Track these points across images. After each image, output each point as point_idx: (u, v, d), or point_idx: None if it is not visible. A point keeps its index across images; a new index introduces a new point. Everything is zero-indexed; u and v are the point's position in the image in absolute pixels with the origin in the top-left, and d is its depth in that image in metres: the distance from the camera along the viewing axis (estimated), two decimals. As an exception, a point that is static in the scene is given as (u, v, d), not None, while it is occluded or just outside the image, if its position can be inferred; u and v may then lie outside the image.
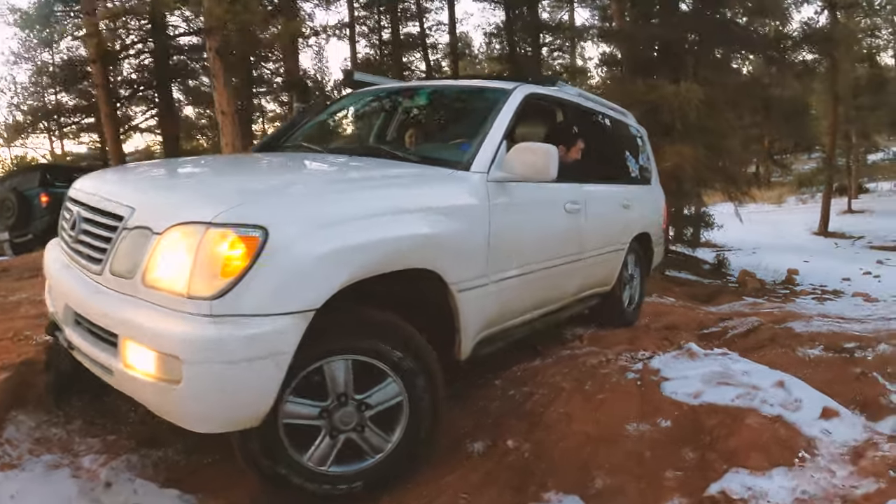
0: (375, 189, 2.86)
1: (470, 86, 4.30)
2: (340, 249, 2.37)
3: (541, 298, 3.95)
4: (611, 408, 3.45)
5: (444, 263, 2.89)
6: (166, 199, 2.56)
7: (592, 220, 4.38)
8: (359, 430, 2.61)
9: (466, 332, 3.12)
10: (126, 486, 2.78)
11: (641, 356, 4.32)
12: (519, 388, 3.84)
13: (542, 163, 3.25)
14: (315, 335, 2.33)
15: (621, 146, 5.56)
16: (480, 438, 3.26)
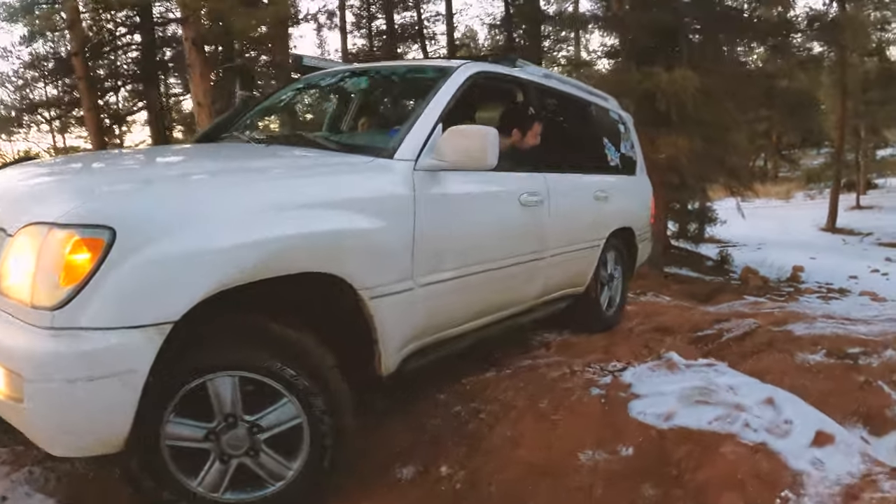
0: (265, 181, 2.44)
1: (412, 66, 3.81)
2: (205, 252, 2.03)
3: (490, 303, 3.48)
4: (565, 431, 3.02)
5: (350, 266, 2.47)
6: (26, 197, 2.29)
7: (558, 213, 3.90)
8: (252, 455, 2.30)
9: (386, 344, 2.70)
10: (22, 500, 2.62)
11: (613, 368, 3.87)
12: (466, 404, 3.40)
13: (478, 148, 2.80)
14: (192, 348, 2.13)
15: (598, 133, 5.05)
16: (412, 462, 2.89)
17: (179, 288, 1.97)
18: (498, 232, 3.39)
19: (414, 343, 2.95)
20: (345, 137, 3.42)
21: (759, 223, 18.53)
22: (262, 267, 2.17)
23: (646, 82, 9.87)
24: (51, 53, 17.55)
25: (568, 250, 4.17)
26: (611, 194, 4.75)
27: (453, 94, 3.20)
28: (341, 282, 2.46)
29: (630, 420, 3.06)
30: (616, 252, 5.20)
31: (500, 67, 3.82)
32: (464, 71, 3.36)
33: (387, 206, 2.66)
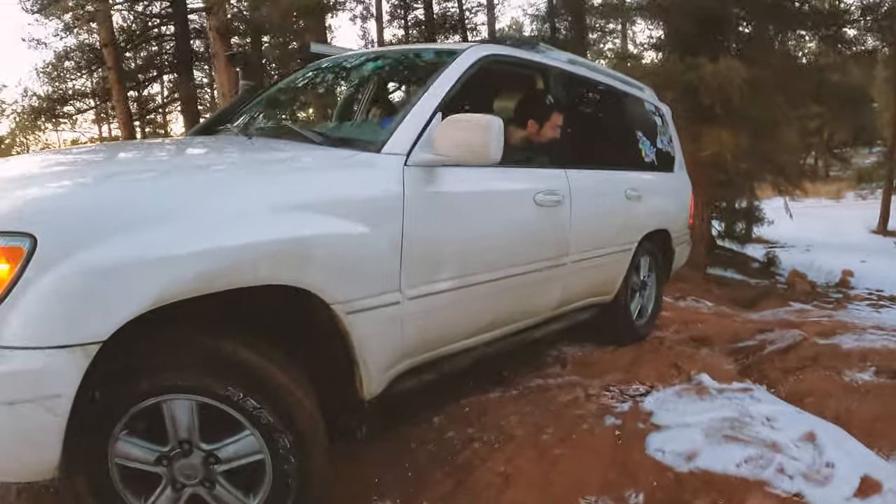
0: (221, 181, 2.11)
1: (418, 50, 3.42)
2: (138, 263, 1.76)
3: (497, 316, 3.09)
4: (567, 469, 2.65)
5: (320, 278, 2.12)
6: None
7: (581, 214, 3.50)
8: (208, 487, 2.07)
9: (368, 365, 2.34)
10: None
11: (634, 392, 3.48)
12: (461, 430, 3.04)
13: (479, 140, 2.42)
14: (147, 362, 1.94)
15: (631, 125, 4.59)
16: (390, 496, 2.58)
17: (108, 303, 1.72)
18: (507, 236, 2.99)
19: (405, 362, 2.60)
20: (333, 129, 3.06)
21: (808, 223, 17.76)
22: (207, 280, 1.86)
23: (689, 74, 9.27)
24: (86, 45, 17.56)
25: (593, 255, 3.76)
26: (644, 193, 4.32)
27: (457, 79, 2.83)
28: (311, 295, 2.12)
29: (645, 459, 2.69)
30: (650, 257, 4.76)
31: (517, 51, 3.41)
32: (471, 54, 2.98)
33: (368, 208, 2.30)
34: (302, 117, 3.38)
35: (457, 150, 2.46)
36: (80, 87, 18.19)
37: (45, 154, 2.96)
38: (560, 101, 3.60)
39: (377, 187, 2.36)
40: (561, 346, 4.42)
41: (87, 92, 18.21)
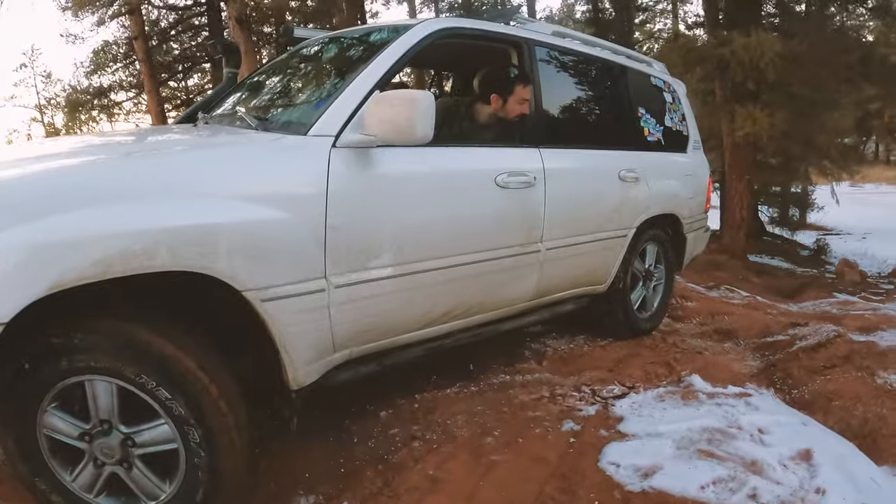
0: (128, 167, 2.08)
1: (375, 28, 3.26)
2: (32, 248, 1.76)
3: (452, 306, 2.91)
4: (501, 478, 2.46)
5: (229, 264, 2.04)
6: None
7: (558, 196, 3.29)
8: (125, 468, 2.11)
9: (291, 354, 2.26)
10: None
11: (608, 393, 3.25)
12: (406, 427, 2.91)
13: (404, 118, 2.28)
14: (62, 344, 1.94)
15: (631, 102, 4.29)
16: (316, 492, 2.51)
17: (6, 288, 1.74)
18: (457, 221, 2.80)
19: (340, 353, 2.48)
20: (276, 114, 2.93)
21: (867, 211, 16.89)
22: (104, 266, 1.84)
23: (721, 49, 8.78)
24: (121, 39, 17.93)
25: (577, 241, 3.55)
26: (645, 174, 4.07)
27: (400, 56, 2.67)
28: (222, 283, 2.04)
29: (595, 472, 2.47)
30: (656, 243, 4.50)
31: (481, 23, 3.20)
32: (421, 29, 2.81)
33: (287, 193, 2.20)
34: (261, 102, 3.22)
35: (383, 128, 2.32)
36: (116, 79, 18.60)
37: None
38: (533, 76, 3.37)
39: (298, 171, 2.25)
40: (546, 340, 4.21)
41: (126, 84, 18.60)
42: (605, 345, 4.18)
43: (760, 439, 2.68)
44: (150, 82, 14.37)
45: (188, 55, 18.00)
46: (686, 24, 21.48)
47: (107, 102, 18.77)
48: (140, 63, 14.42)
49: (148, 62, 14.24)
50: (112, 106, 19.14)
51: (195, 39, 17.83)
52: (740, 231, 11.21)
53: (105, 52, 17.85)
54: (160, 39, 17.07)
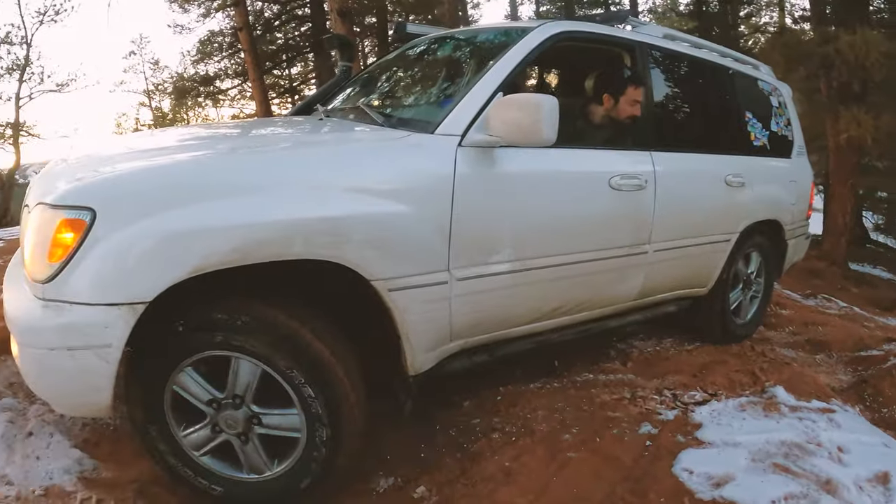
0: (266, 160, 2.24)
1: (492, 29, 3.35)
2: (179, 235, 1.95)
3: (563, 303, 2.99)
4: (573, 476, 2.50)
5: (360, 254, 2.19)
6: (45, 178, 2.38)
7: (668, 199, 3.31)
8: (242, 440, 2.28)
9: (412, 341, 2.40)
10: (43, 438, 2.73)
11: (689, 398, 3.23)
12: (487, 418, 2.99)
13: (530, 121, 2.36)
14: (225, 321, 2.11)
15: (739, 106, 4.25)
16: (395, 474, 2.63)
17: (153, 270, 1.93)
18: (572, 220, 2.88)
19: (456, 342, 2.60)
20: (400, 110, 3.06)
21: None
22: (243, 252, 2.02)
23: (825, 46, 8.46)
24: (226, 29, 18.65)
25: (683, 244, 3.56)
26: (751, 179, 4.01)
27: (522, 58, 2.75)
28: (353, 272, 2.20)
29: (667, 477, 2.47)
30: (756, 249, 4.43)
31: (595, 27, 3.26)
32: (540, 32, 2.88)
33: (415, 188, 2.31)
34: (379, 98, 3.37)
35: (508, 130, 2.40)
36: (221, 68, 19.40)
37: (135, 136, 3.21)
38: (645, 79, 3.40)
39: (427, 168, 2.36)
40: (633, 340, 4.19)
41: (232, 72, 19.37)
42: (691, 349, 4.13)
43: (839, 458, 2.63)
44: (254, 71, 14.89)
45: (292, 45, 18.58)
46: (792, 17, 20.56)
47: (212, 90, 19.61)
48: (245, 53, 14.98)
49: (252, 52, 14.75)
50: (217, 93, 19.98)
51: (298, 30, 18.40)
52: (842, 238, 10.77)
53: (210, 42, 18.63)
54: (264, 30, 17.68)
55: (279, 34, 18.78)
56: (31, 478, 2.54)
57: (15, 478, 2.52)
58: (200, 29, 19.49)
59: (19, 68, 21.88)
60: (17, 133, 22.44)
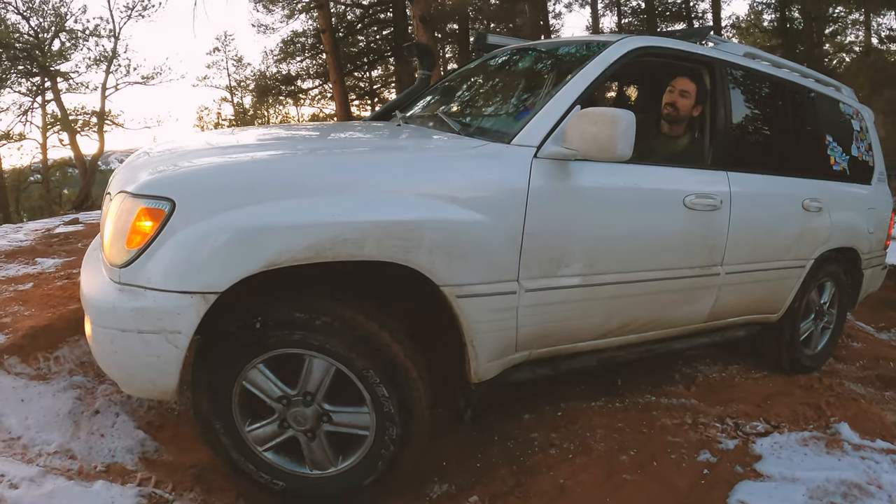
0: (341, 162, 2.32)
1: (571, 42, 3.36)
2: (254, 230, 2.02)
3: (630, 321, 2.95)
4: (628, 498, 2.48)
5: (431, 259, 2.21)
6: (127, 169, 2.48)
7: (743, 221, 3.24)
8: (308, 437, 2.33)
9: (477, 349, 2.41)
10: (109, 417, 2.85)
11: (751, 429, 3.15)
12: (545, 433, 2.98)
13: (606, 135, 2.35)
14: (305, 320, 2.18)
15: (819, 128, 4.13)
16: (450, 481, 2.66)
17: (226, 261, 2.00)
18: (644, 238, 2.84)
19: (520, 353, 2.60)
20: (477, 119, 3.09)
21: None
22: (315, 250, 2.07)
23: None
24: (309, 30, 19.12)
25: (755, 268, 3.47)
26: (828, 205, 3.90)
27: (601, 73, 2.75)
28: (423, 277, 2.22)
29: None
30: (830, 279, 4.29)
31: (675, 42, 3.21)
32: (619, 47, 2.87)
33: (490, 197, 2.33)
34: (458, 107, 3.40)
35: (584, 143, 2.40)
36: (303, 68, 19.94)
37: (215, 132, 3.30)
38: (724, 97, 3.34)
39: (501, 177, 2.37)
40: (699, 364, 4.11)
41: (313, 73, 19.88)
42: (757, 378, 4.02)
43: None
44: (335, 73, 15.29)
45: (373, 48, 18.95)
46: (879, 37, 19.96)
47: (293, 89, 20.14)
48: (327, 55, 15.37)
49: (334, 54, 15.19)
50: (298, 93, 20.51)
51: (380, 34, 18.76)
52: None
53: (293, 43, 19.14)
54: (346, 32, 18.06)
55: (361, 37, 19.16)
56: (94, 454, 2.66)
57: (79, 452, 2.63)
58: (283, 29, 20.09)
59: (107, 60, 22.85)
60: (102, 122, 23.49)
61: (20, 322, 3.47)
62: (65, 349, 3.29)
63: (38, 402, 2.88)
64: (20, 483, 2.32)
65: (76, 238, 7.16)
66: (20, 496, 2.25)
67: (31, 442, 2.66)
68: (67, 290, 4.10)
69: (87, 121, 24.14)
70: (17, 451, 2.59)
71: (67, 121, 23.43)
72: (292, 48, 19.92)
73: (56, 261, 5.36)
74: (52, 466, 2.51)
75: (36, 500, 2.26)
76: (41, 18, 22.28)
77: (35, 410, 2.83)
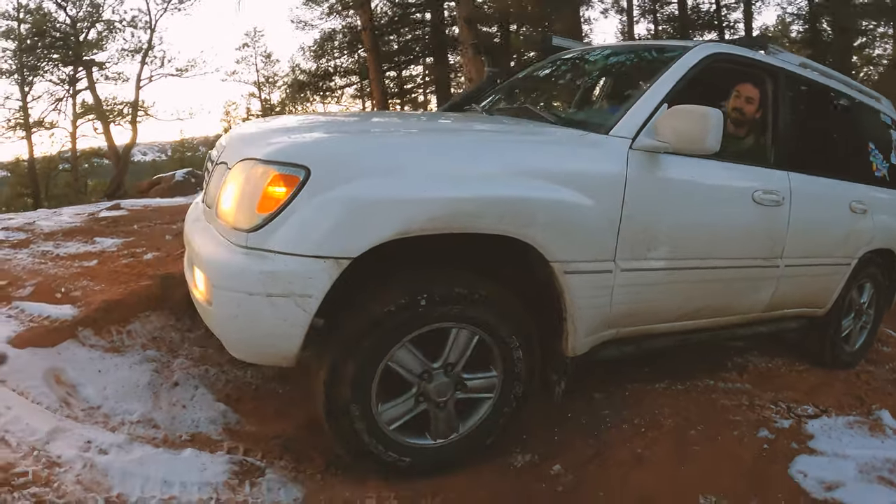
0: (461, 142, 2.53)
1: (649, 46, 3.62)
2: (388, 199, 2.15)
3: (704, 305, 3.18)
4: (700, 467, 2.69)
5: (541, 235, 2.39)
6: (244, 140, 2.60)
7: (800, 218, 3.47)
8: (441, 407, 2.45)
9: (576, 324, 2.60)
10: (188, 390, 2.98)
11: (802, 411, 3.38)
12: (616, 411, 3.18)
13: (697, 130, 2.58)
14: (467, 295, 2.33)
15: (863, 136, 4.41)
16: (531, 452, 2.79)
17: (360, 228, 2.09)
18: (720, 227, 3.08)
19: (609, 330, 2.80)
20: (566, 112, 3.34)
21: None
22: (443, 221, 2.21)
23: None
24: (347, 28, 19.45)
25: (809, 263, 3.71)
26: (871, 208, 4.13)
27: (683, 74, 2.97)
28: (534, 251, 2.41)
29: (783, 477, 2.66)
30: (870, 280, 4.53)
31: (743, 51, 3.46)
32: (698, 52, 3.10)
33: (593, 182, 2.54)
34: (540, 101, 3.69)
35: (676, 137, 2.62)
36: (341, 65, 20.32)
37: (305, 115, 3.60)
38: (783, 103, 3.58)
39: (603, 165, 2.59)
40: (748, 355, 4.32)
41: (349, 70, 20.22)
42: (801, 370, 4.25)
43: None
44: (374, 71, 15.50)
45: (412, 47, 19.22)
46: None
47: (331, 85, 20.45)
48: (367, 52, 15.62)
49: (374, 52, 15.38)
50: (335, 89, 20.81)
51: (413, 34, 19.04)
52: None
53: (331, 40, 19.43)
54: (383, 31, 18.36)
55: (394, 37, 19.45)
56: (177, 424, 2.76)
57: (161, 422, 2.73)
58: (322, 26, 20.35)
59: (142, 51, 23.16)
60: (136, 113, 23.73)
61: (91, 296, 3.60)
62: (136, 324, 3.41)
63: (114, 373, 2.98)
64: (109, 449, 2.40)
65: (125, 222, 7.28)
66: (111, 461, 2.32)
67: (112, 411, 2.75)
68: (135, 267, 4.25)
69: (122, 111, 24.46)
70: (99, 420, 2.67)
71: (102, 110, 23.71)
72: (329, 45, 20.28)
73: (115, 240, 5.48)
74: (137, 434, 2.60)
75: (126, 466, 2.33)
76: (77, 8, 22.64)
77: (113, 381, 2.93)
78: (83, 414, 2.68)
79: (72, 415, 2.64)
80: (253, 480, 2.45)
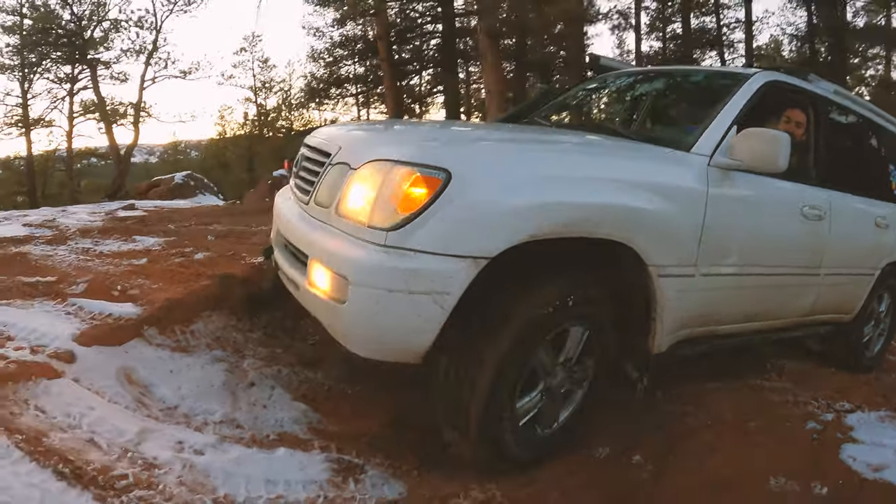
0: (580, 155, 2.79)
1: (707, 71, 3.97)
2: (524, 204, 2.29)
3: (762, 308, 3.52)
4: (764, 454, 2.93)
5: (643, 241, 2.65)
6: (367, 141, 2.78)
7: (837, 232, 3.81)
8: (554, 399, 2.63)
9: (664, 323, 2.87)
10: (265, 390, 3.03)
11: (840, 407, 3.68)
12: (679, 406, 3.41)
13: (770, 151, 2.89)
14: (594, 296, 2.55)
15: (885, 158, 4.84)
16: (612, 444, 2.99)
17: (498, 229, 2.23)
18: (777, 238, 3.41)
19: (686, 330, 3.07)
20: (642, 130, 3.67)
21: None
22: (567, 226, 2.40)
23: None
24: (359, 36, 19.80)
25: (842, 272, 4.06)
26: (892, 223, 4.52)
27: (749, 99, 3.28)
28: (634, 255, 2.65)
29: (836, 461, 2.91)
30: (888, 291, 4.90)
31: (793, 79, 3.81)
32: (759, 78, 3.43)
33: (681, 195, 2.81)
34: (602, 117, 4.03)
35: (752, 156, 2.92)
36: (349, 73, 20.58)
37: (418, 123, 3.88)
38: (824, 126, 3.93)
39: (688, 179, 2.87)
40: (781, 359, 4.60)
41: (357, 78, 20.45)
42: (829, 372, 4.54)
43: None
44: (389, 79, 15.71)
45: (421, 57, 19.51)
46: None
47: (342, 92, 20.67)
48: (382, 62, 15.79)
49: (389, 60, 15.59)
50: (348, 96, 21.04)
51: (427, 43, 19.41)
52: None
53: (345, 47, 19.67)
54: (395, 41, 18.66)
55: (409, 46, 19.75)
56: (260, 424, 2.80)
57: (245, 422, 2.77)
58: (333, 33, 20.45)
59: (146, 52, 23.21)
60: (139, 114, 23.72)
61: (151, 294, 3.66)
62: (199, 324, 3.47)
63: (187, 373, 3.02)
64: (204, 449, 2.42)
65: (150, 221, 7.49)
66: (209, 462, 2.34)
67: (192, 411, 2.78)
68: (189, 267, 4.33)
69: (125, 112, 24.45)
70: (180, 420, 2.69)
71: (105, 110, 23.65)
72: (340, 52, 20.57)
73: (156, 239, 5.58)
74: (224, 434, 2.62)
75: (225, 466, 2.35)
76: (81, 6, 22.64)
77: (187, 381, 2.95)
78: (162, 414, 2.71)
79: (151, 415, 2.67)
80: (356, 477, 2.51)
